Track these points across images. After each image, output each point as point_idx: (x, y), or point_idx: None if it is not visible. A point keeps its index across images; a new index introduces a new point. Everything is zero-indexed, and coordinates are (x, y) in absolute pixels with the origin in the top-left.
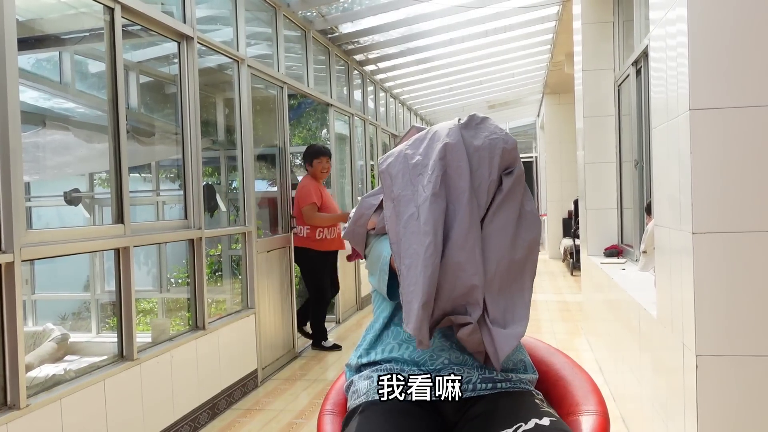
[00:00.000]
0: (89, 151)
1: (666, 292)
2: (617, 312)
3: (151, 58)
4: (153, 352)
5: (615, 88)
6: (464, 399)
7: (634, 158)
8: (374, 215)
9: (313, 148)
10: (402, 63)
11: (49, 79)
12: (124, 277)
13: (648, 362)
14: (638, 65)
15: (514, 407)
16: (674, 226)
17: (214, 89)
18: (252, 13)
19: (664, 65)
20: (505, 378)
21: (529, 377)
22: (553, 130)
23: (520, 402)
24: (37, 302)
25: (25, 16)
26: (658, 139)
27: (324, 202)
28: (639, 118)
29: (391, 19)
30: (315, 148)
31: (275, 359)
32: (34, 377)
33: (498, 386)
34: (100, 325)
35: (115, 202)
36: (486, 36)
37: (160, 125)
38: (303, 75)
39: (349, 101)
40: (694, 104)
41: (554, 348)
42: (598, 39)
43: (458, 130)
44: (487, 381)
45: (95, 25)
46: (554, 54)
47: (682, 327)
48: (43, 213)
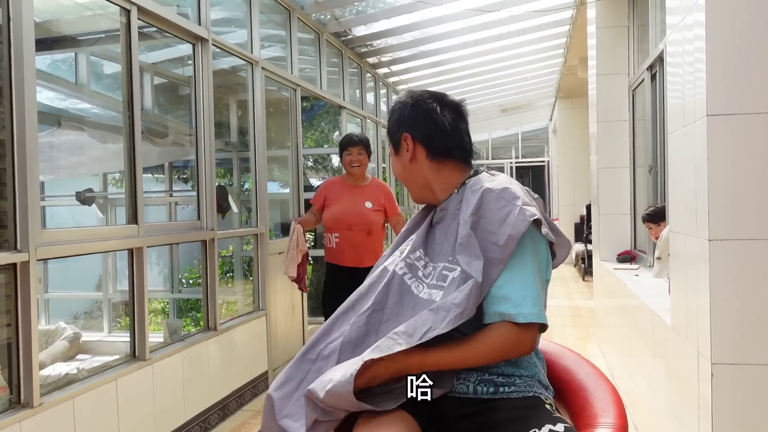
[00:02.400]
0: (103, 151)
1: (681, 299)
2: (630, 318)
3: (165, 60)
4: (165, 352)
5: (629, 93)
6: (460, 398)
7: (648, 163)
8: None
9: (342, 139)
10: (415, 66)
11: (65, 80)
12: (137, 277)
13: (661, 369)
14: (653, 70)
15: (522, 414)
16: (690, 232)
17: (227, 91)
18: (266, 16)
19: (681, 70)
20: (508, 382)
21: (537, 379)
22: (565, 134)
23: (529, 407)
24: (49, 301)
25: (42, 17)
26: (674, 144)
27: (330, 204)
28: (654, 123)
29: (404, 22)
30: (343, 139)
31: (286, 361)
32: (47, 375)
33: (501, 390)
34: (111, 324)
35: (129, 202)
36: (500, 39)
37: (173, 126)
38: (316, 77)
39: (362, 103)
40: (711, 110)
41: (582, 357)
42: (613, 43)
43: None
44: (486, 383)
45: (111, 27)
46: (567, 58)
47: (697, 335)
48: (56, 212)
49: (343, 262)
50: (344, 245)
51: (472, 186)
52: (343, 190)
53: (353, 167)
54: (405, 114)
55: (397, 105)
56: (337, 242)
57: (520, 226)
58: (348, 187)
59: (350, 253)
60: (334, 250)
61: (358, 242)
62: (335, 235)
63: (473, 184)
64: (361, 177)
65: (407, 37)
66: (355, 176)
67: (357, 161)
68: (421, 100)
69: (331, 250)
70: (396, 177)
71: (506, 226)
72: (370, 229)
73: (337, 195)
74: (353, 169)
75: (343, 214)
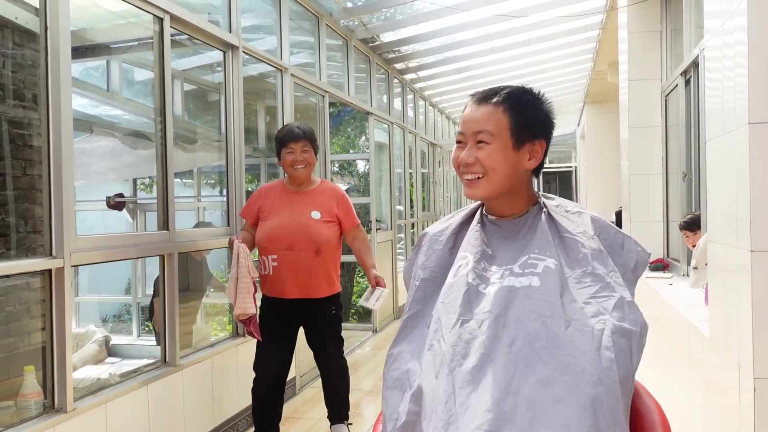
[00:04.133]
0: (134, 157)
1: (720, 310)
2: (664, 328)
3: (195, 66)
4: (195, 358)
5: (662, 99)
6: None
7: (682, 170)
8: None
9: (279, 132)
10: (442, 71)
11: (98, 87)
12: (168, 283)
13: (699, 382)
14: (687, 75)
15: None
16: (730, 242)
17: (256, 97)
18: (295, 22)
19: (720, 75)
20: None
21: None
22: (593, 139)
23: None
24: (80, 304)
25: (77, 26)
26: (713, 152)
27: (265, 217)
28: (688, 129)
29: (432, 28)
30: (281, 131)
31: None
32: (80, 379)
33: None
34: (140, 327)
35: (161, 208)
36: (527, 45)
37: (202, 132)
38: (344, 83)
39: (389, 109)
40: (753, 118)
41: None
42: (645, 48)
43: None
44: None
45: (143, 35)
46: (597, 63)
47: (738, 347)
48: (86, 216)
49: (284, 293)
50: (285, 271)
51: (559, 207)
52: (283, 198)
53: (296, 169)
54: (546, 120)
55: (540, 101)
56: (274, 267)
57: (645, 256)
58: (289, 194)
59: (292, 281)
60: (271, 278)
61: (303, 265)
62: (272, 258)
63: (558, 206)
64: (307, 181)
65: (434, 43)
66: (298, 180)
67: (301, 161)
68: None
69: (267, 279)
70: (488, 166)
71: (629, 252)
72: (319, 246)
73: (275, 205)
74: (296, 171)
75: (281, 230)
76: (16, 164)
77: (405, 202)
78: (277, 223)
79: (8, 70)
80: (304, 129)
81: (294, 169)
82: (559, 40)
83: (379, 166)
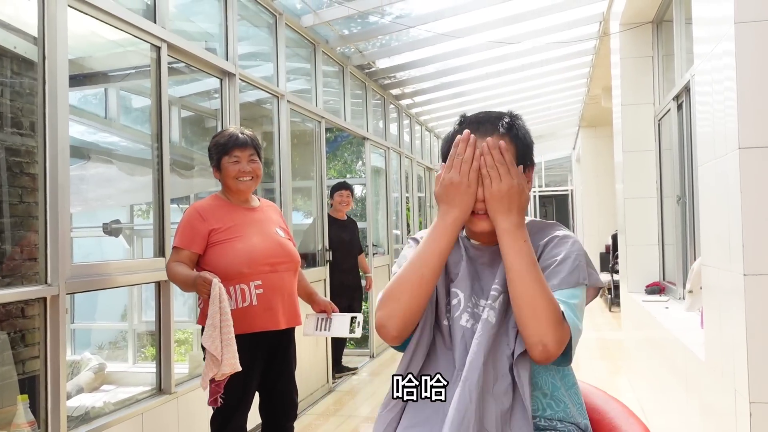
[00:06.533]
0: (131, 183)
1: (715, 334)
2: (661, 352)
3: (192, 93)
4: (190, 385)
5: (655, 123)
6: None
7: (677, 194)
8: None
9: (220, 138)
10: (437, 97)
11: (96, 114)
12: (163, 310)
13: (695, 406)
14: (679, 100)
15: None
16: (723, 266)
17: (252, 123)
18: (291, 50)
19: (710, 99)
20: (550, 426)
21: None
22: (589, 163)
23: None
24: (75, 331)
25: (75, 54)
26: (705, 176)
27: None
28: (681, 153)
29: (427, 54)
30: (221, 137)
31: (309, 394)
32: (74, 407)
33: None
34: (136, 354)
35: (157, 234)
36: (522, 70)
37: (199, 158)
38: (340, 109)
39: (385, 134)
40: (743, 143)
41: (609, 395)
42: (637, 73)
43: None
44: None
45: (141, 63)
46: (591, 87)
47: (733, 371)
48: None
49: (277, 323)
50: (273, 297)
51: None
52: (239, 215)
53: (242, 181)
54: (532, 143)
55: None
56: (259, 295)
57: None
58: (242, 210)
59: (281, 307)
60: (256, 309)
61: (288, 289)
62: (255, 284)
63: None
64: (250, 196)
65: (430, 69)
66: (243, 195)
67: (249, 172)
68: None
69: (249, 311)
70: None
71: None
72: (296, 266)
73: (236, 224)
74: (242, 183)
75: (263, 250)
76: (12, 191)
77: (402, 226)
78: (255, 243)
79: (6, 98)
80: (249, 135)
81: (240, 181)
82: (553, 65)
83: (375, 190)
